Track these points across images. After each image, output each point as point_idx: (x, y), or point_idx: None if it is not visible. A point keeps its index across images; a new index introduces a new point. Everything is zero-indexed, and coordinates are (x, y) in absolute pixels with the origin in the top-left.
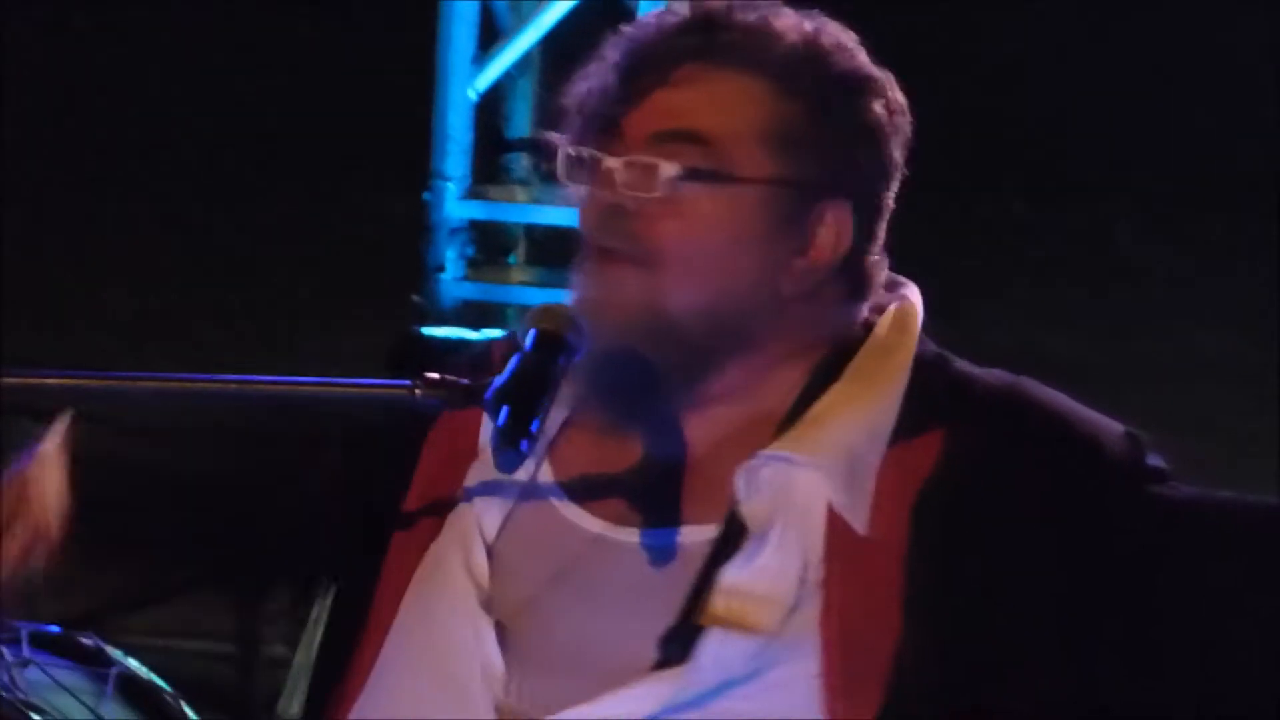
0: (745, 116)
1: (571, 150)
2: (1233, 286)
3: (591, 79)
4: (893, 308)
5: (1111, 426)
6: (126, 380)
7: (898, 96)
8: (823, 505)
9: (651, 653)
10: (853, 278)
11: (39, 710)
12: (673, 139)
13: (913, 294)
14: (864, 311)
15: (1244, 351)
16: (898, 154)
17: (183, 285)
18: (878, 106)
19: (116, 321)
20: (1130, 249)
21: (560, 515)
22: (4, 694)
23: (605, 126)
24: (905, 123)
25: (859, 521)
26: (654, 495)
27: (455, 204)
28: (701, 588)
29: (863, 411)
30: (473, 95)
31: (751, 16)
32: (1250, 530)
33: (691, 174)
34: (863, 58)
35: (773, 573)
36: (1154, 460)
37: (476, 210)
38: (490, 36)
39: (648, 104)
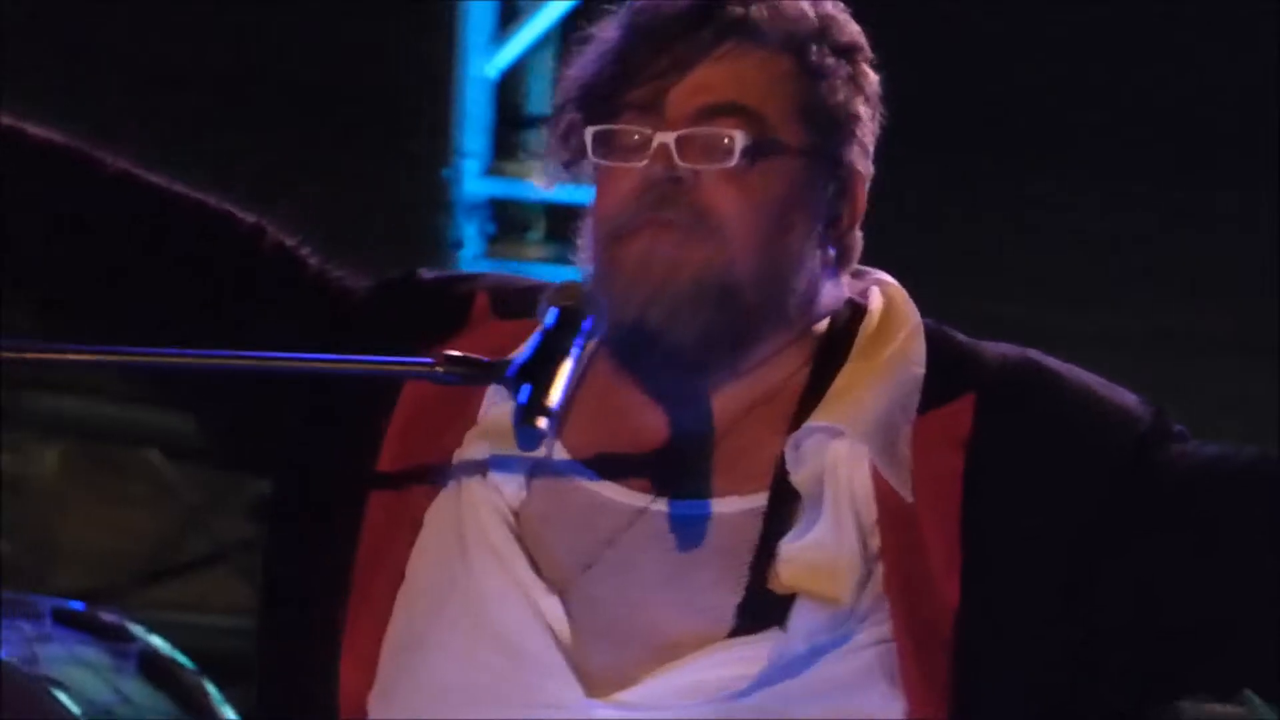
0: (783, 91)
1: (611, 126)
2: (1193, 256)
3: (606, 58)
4: (879, 287)
5: (1127, 393)
6: (157, 356)
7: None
8: (866, 474)
9: (718, 621)
10: (841, 250)
11: (59, 684)
12: (722, 113)
13: (886, 276)
14: (844, 289)
15: (1201, 319)
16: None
17: None
18: (873, 78)
19: None
20: (1085, 218)
21: (591, 491)
22: (25, 668)
23: (646, 103)
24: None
25: (904, 488)
26: (687, 468)
27: (474, 181)
28: (761, 558)
29: (889, 382)
30: (492, 73)
31: (762, 1)
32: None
33: (756, 145)
34: (855, 29)
35: (833, 543)
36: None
37: (495, 187)
38: (510, 14)
39: (690, 80)
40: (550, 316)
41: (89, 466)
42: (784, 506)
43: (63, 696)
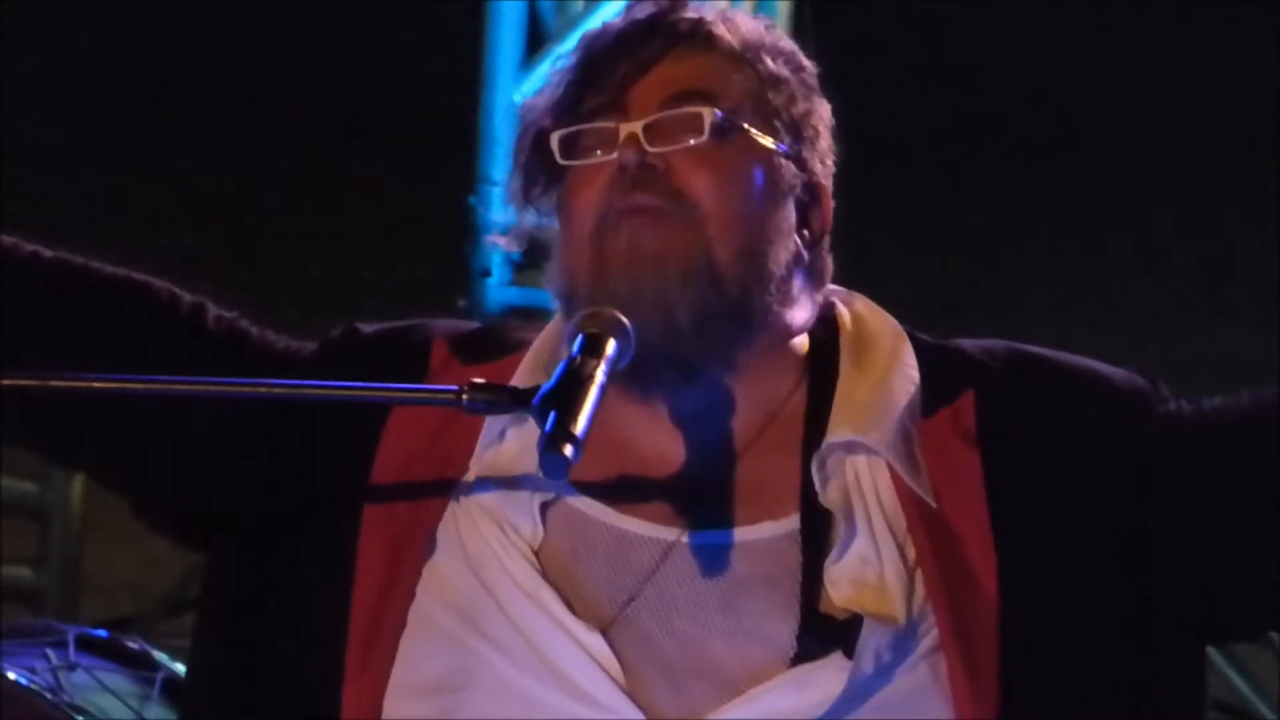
0: (743, 89)
1: (573, 130)
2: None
3: (561, 82)
4: (846, 303)
5: (1106, 366)
6: (181, 383)
7: None
8: (889, 484)
9: (778, 650)
10: (815, 265)
11: (84, 712)
12: (687, 98)
13: (844, 290)
14: (818, 305)
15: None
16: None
17: (225, 286)
18: (827, 106)
19: None
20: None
21: (614, 527)
22: (51, 695)
23: (608, 105)
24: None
25: (927, 493)
26: (707, 497)
27: (501, 208)
28: (809, 581)
29: (892, 390)
30: (519, 99)
31: (712, 10)
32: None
33: (725, 122)
34: (808, 62)
35: (875, 559)
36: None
37: (528, 208)
38: (537, 41)
39: (650, 78)
40: (576, 343)
41: (115, 498)
42: (818, 527)
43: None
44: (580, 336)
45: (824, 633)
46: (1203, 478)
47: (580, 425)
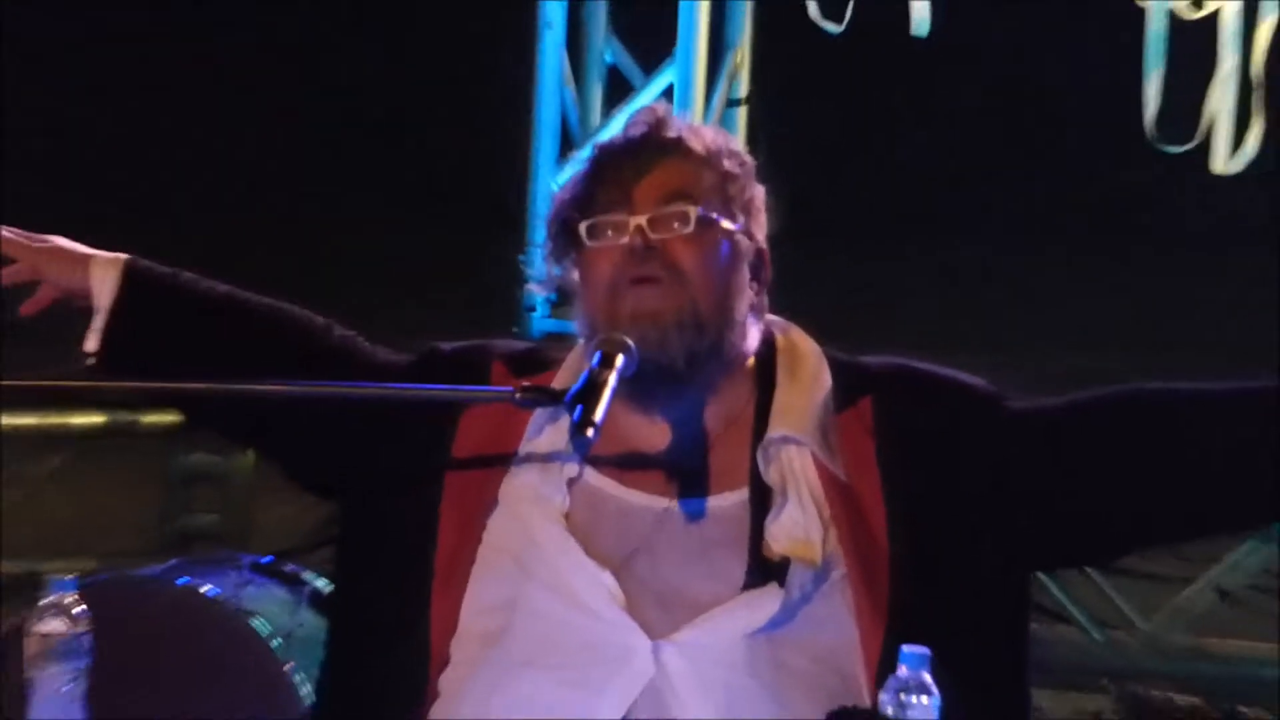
0: (711, 187)
1: (594, 220)
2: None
3: (581, 181)
4: (782, 330)
5: (966, 376)
6: (291, 386)
7: None
8: (811, 465)
9: (732, 584)
10: (760, 305)
11: (254, 614)
12: (675, 199)
13: (779, 319)
14: (761, 332)
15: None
16: None
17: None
18: (760, 187)
19: None
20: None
21: (619, 498)
22: (232, 603)
23: (616, 201)
24: None
25: (839, 470)
26: (687, 475)
27: (542, 264)
28: (755, 536)
29: (814, 398)
30: (554, 187)
31: (686, 128)
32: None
33: (703, 218)
34: (744, 152)
35: (802, 519)
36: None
37: (558, 268)
38: (568, 144)
39: (648, 181)
40: (595, 358)
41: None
42: (761, 497)
43: (258, 622)
44: (598, 353)
45: (765, 571)
46: (1033, 453)
47: (598, 415)
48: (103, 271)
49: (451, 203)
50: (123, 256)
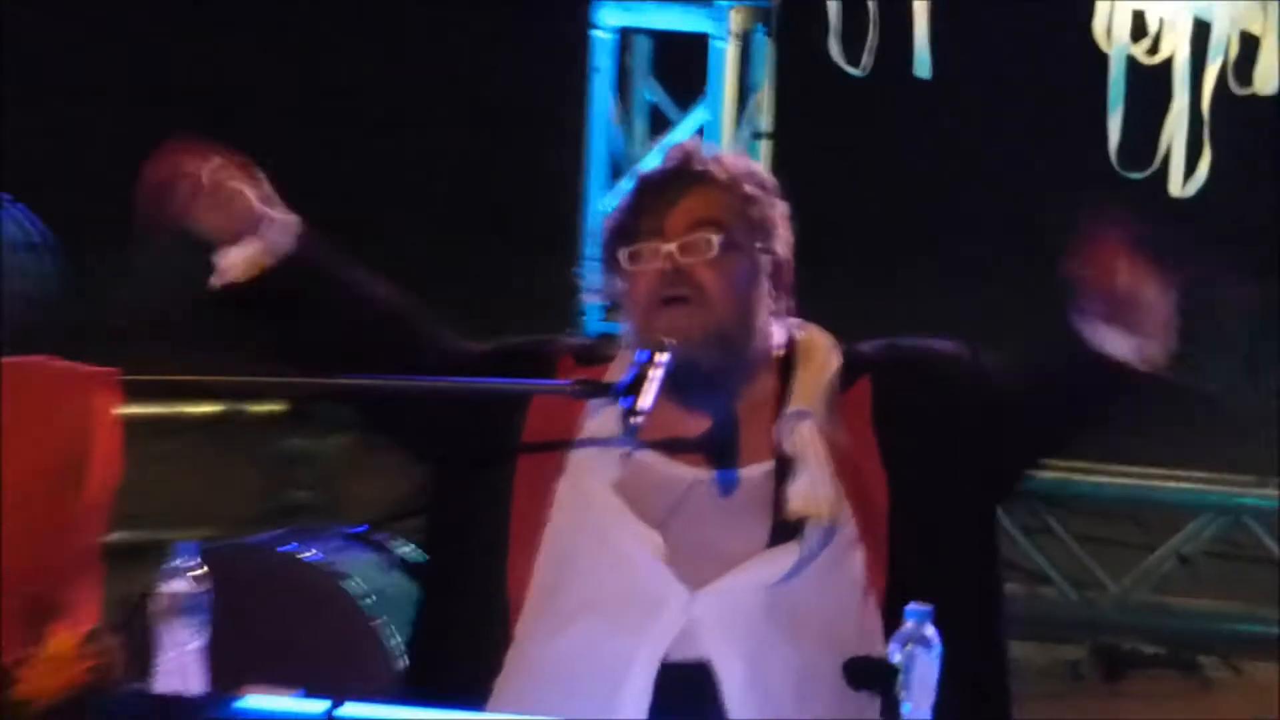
0: (734, 213)
1: (634, 247)
2: None
3: (623, 211)
4: (802, 328)
5: (943, 341)
6: (388, 381)
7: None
8: (819, 437)
9: (758, 541)
10: (781, 308)
11: (348, 577)
12: (702, 226)
13: (802, 320)
14: (784, 331)
15: None
16: None
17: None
18: (782, 204)
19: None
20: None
21: (663, 470)
22: (330, 568)
23: (651, 230)
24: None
25: (842, 440)
26: (721, 450)
27: (596, 275)
28: (777, 500)
29: (823, 379)
30: (605, 210)
31: (711, 160)
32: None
33: (725, 243)
34: (768, 175)
35: (815, 486)
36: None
37: (609, 282)
38: (616, 172)
39: (678, 210)
40: (642, 355)
41: (362, 447)
42: (783, 468)
43: (351, 583)
44: (645, 351)
45: (784, 531)
46: (990, 402)
47: (646, 404)
48: (276, 225)
49: (518, 224)
50: (294, 220)
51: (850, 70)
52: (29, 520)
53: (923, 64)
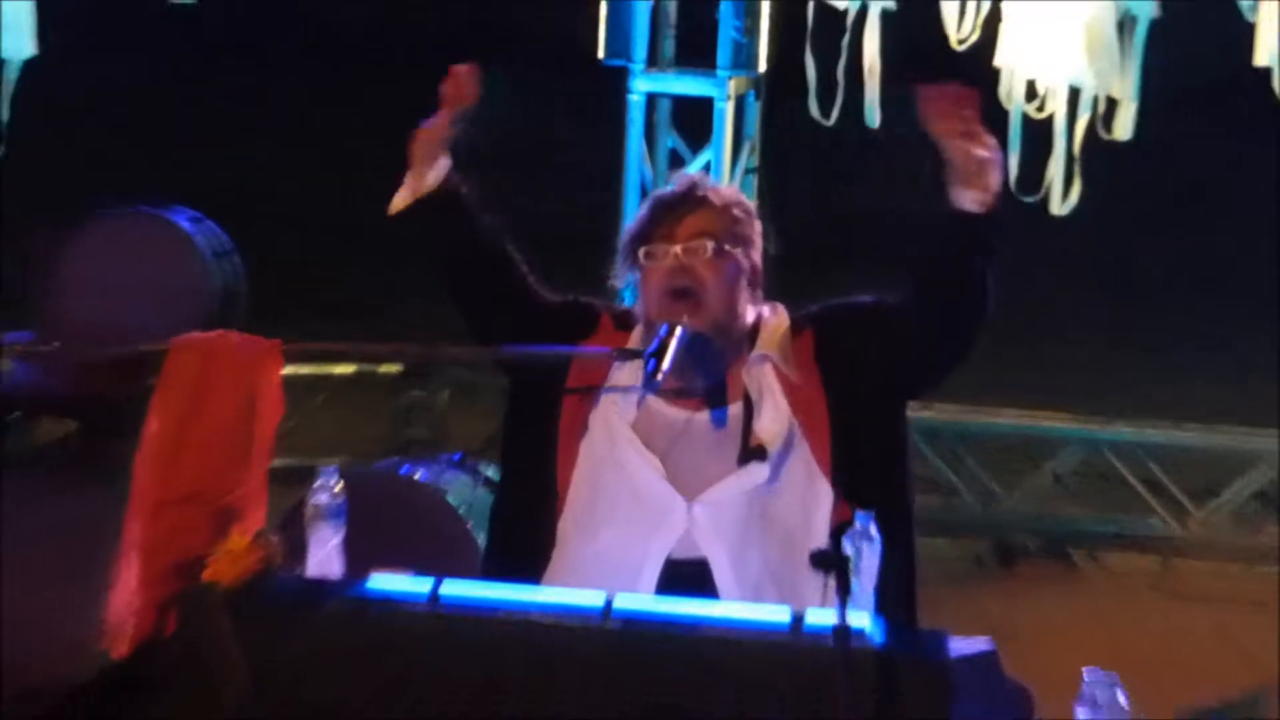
0: (724, 228)
1: (649, 247)
2: None
3: (642, 221)
4: (770, 309)
5: (863, 297)
6: (472, 349)
7: None
8: (775, 377)
9: (732, 464)
10: (755, 297)
11: (448, 491)
12: (701, 236)
13: (770, 302)
14: (757, 311)
15: None
16: None
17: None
18: (759, 224)
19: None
20: None
21: (667, 412)
22: (434, 485)
23: (663, 236)
24: None
25: (794, 376)
26: (710, 396)
27: (620, 267)
28: (746, 431)
29: (780, 334)
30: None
31: (708, 186)
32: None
33: (717, 249)
34: (747, 201)
35: (778, 417)
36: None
37: (629, 273)
38: (645, 199)
39: (683, 224)
40: (664, 328)
41: (460, 399)
42: (749, 407)
43: (451, 496)
44: (665, 326)
45: (752, 454)
46: (892, 328)
47: (666, 366)
48: (438, 169)
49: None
50: (447, 163)
51: (822, 121)
52: (219, 452)
53: (871, 115)
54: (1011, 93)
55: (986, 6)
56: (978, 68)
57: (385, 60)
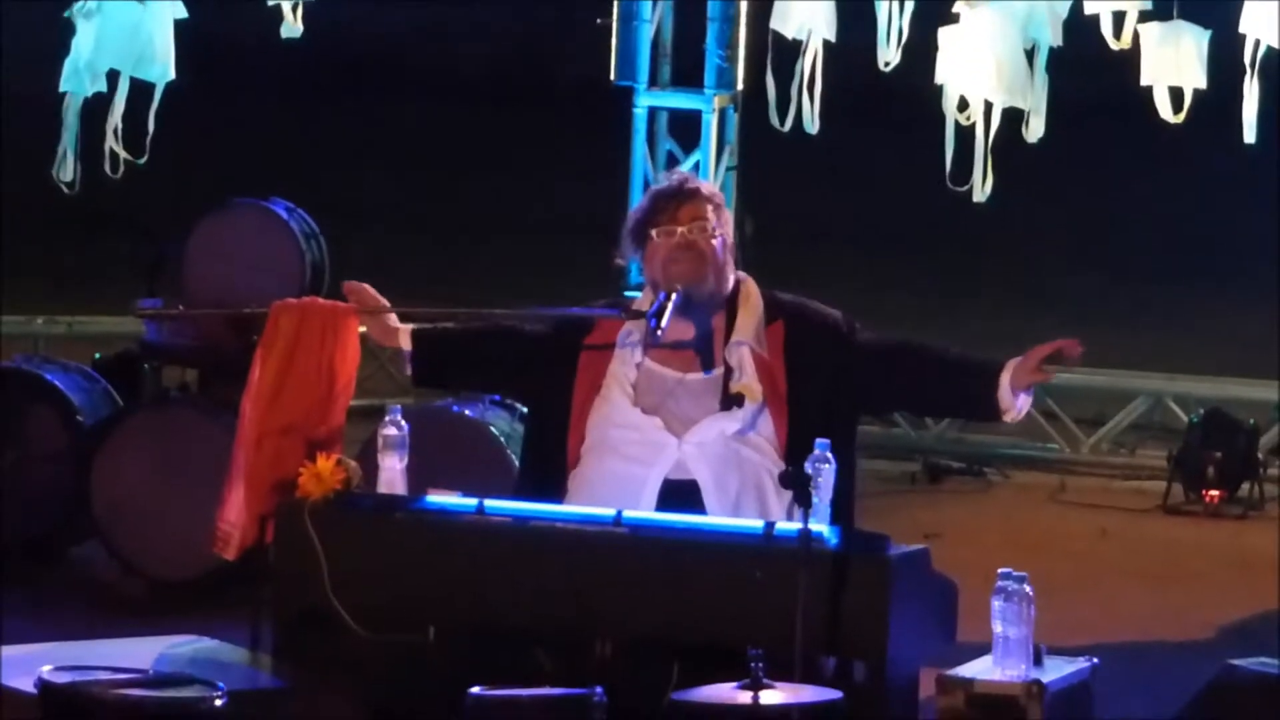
0: (711, 213)
1: (659, 228)
2: None
3: (646, 209)
4: (742, 279)
5: (834, 310)
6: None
7: None
8: (750, 355)
9: (714, 409)
10: (735, 268)
11: (491, 425)
12: (697, 219)
13: (743, 274)
14: (731, 282)
15: None
16: None
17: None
18: (729, 215)
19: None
20: None
21: (662, 373)
22: (480, 419)
23: (668, 219)
24: None
25: (765, 355)
26: (699, 360)
27: (624, 246)
28: (726, 388)
29: (754, 318)
30: (633, 207)
31: (696, 182)
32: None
33: (711, 229)
34: (720, 195)
35: (749, 381)
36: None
37: (633, 251)
38: (645, 183)
39: (683, 210)
40: (662, 295)
41: None
42: (728, 373)
43: (493, 430)
44: (663, 292)
45: (730, 403)
46: (860, 361)
47: (664, 324)
48: (403, 335)
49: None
50: (409, 327)
51: (779, 129)
52: (309, 394)
53: (809, 123)
54: (945, 105)
55: (906, 37)
56: (905, 84)
57: (433, 87)
